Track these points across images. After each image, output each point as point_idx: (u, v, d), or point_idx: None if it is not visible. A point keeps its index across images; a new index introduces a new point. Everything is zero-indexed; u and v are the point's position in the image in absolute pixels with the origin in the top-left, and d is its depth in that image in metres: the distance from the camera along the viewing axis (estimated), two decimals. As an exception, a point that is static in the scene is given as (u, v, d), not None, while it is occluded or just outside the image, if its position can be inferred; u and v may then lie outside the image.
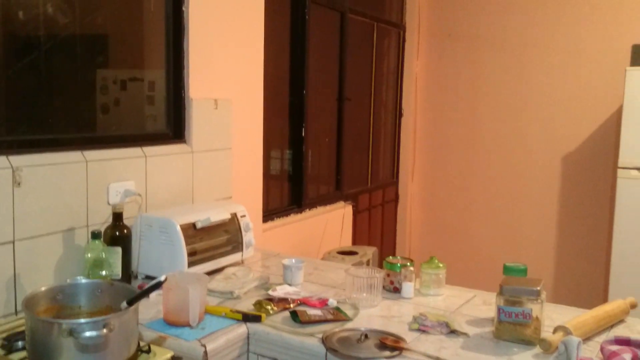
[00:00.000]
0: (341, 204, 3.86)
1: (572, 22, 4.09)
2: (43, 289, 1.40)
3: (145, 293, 1.34)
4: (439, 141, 4.68)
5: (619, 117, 3.48)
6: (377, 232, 4.46)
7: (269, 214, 3.13)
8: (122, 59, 2.37)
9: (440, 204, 4.72)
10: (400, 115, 4.68)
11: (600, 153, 4.04)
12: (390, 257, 2.13)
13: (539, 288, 1.60)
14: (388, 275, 2.06)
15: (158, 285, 1.36)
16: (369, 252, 3.41)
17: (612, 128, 3.92)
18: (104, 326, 1.23)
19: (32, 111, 1.95)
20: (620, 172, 3.37)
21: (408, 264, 2.05)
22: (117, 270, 1.91)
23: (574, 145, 4.15)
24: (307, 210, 3.49)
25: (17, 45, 1.92)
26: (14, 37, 1.92)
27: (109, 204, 2.04)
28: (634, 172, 3.32)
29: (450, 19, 4.54)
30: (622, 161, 3.36)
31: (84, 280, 1.50)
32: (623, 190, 3.36)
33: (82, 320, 1.26)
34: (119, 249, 1.92)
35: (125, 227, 1.98)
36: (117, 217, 1.97)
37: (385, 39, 4.45)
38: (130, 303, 1.31)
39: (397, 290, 2.04)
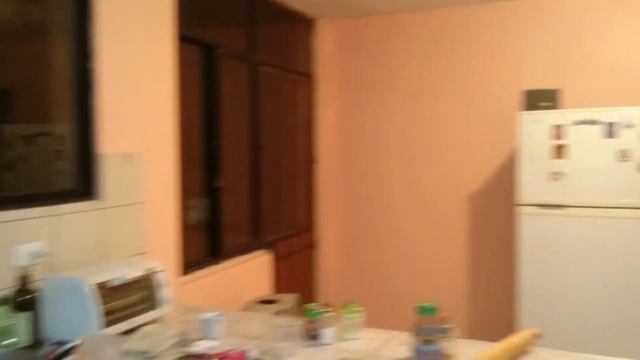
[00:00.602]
0: (260, 252, 3.86)
1: (470, 70, 4.38)
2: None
3: (60, 357, 1.29)
4: (352, 185, 4.81)
5: (516, 157, 3.73)
6: (297, 278, 4.48)
7: (187, 267, 3.09)
8: (30, 114, 2.32)
9: (357, 248, 4.82)
10: (314, 162, 4.78)
11: (501, 191, 4.29)
12: (310, 304, 2.16)
13: (448, 326, 1.68)
14: (308, 322, 2.09)
15: (69, 351, 1.32)
16: (290, 299, 3.42)
17: (510, 167, 4.19)
18: (12, 399, 1.18)
19: None
20: (520, 209, 3.60)
21: (327, 310, 2.09)
22: (25, 338, 1.82)
23: (477, 185, 4.40)
24: (226, 260, 3.47)
25: None
26: None
27: (15, 267, 1.96)
28: (532, 209, 3.56)
29: (356, 68, 4.75)
30: (521, 198, 3.60)
31: (-12, 351, 1.43)
32: (523, 226, 3.59)
33: (-12, 395, 1.20)
34: (26, 315, 1.84)
35: (34, 290, 1.90)
36: (24, 280, 1.89)
37: (297, 88, 4.58)
38: (41, 372, 1.26)
39: (317, 337, 2.07)
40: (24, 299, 1.86)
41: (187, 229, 3.17)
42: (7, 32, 2.19)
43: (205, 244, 3.42)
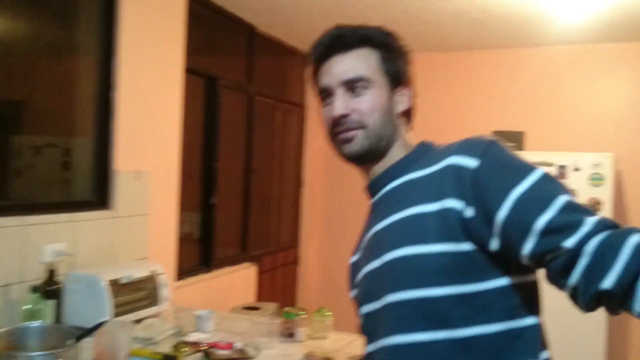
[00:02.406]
0: (247, 264, 4.25)
1: (447, 108, 4.84)
2: (2, 330, 1.70)
3: (91, 331, 1.68)
4: (335, 208, 5.22)
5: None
6: (279, 289, 4.86)
7: (182, 273, 3.47)
8: (51, 127, 2.72)
9: (336, 265, 5.20)
10: (301, 185, 5.20)
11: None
12: (288, 307, 2.56)
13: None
14: (285, 322, 2.48)
15: (100, 326, 1.71)
16: (271, 307, 3.80)
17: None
18: (57, 358, 1.56)
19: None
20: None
21: (301, 313, 2.48)
22: (50, 321, 2.20)
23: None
24: (216, 270, 3.85)
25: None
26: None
27: (42, 262, 2.34)
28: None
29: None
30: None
31: (34, 324, 1.81)
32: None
33: (38, 353, 1.58)
34: (52, 302, 2.22)
35: (58, 282, 2.28)
36: (51, 274, 2.27)
37: (288, 117, 5.01)
38: (78, 339, 1.64)
39: (292, 335, 2.46)
40: (51, 289, 2.24)
41: (184, 240, 3.56)
42: (37, 49, 2.59)
43: (198, 254, 3.81)
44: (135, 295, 2.52)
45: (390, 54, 1.15)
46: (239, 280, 4.09)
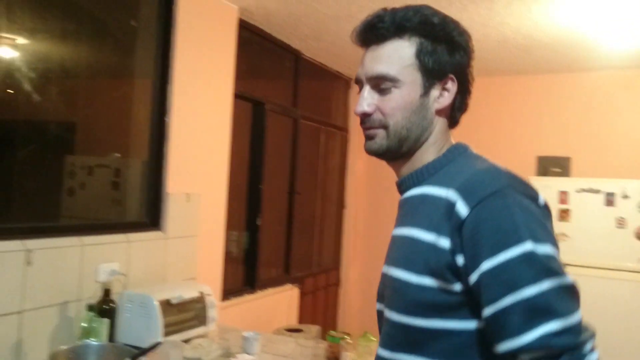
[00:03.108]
0: (289, 286, 4.29)
1: (492, 133, 4.82)
2: (63, 347, 1.78)
3: (146, 351, 1.74)
4: (377, 231, 5.23)
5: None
6: (320, 311, 4.88)
7: (225, 294, 3.53)
8: (113, 153, 2.83)
9: (377, 287, 5.19)
10: (343, 207, 5.23)
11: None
12: (332, 331, 2.58)
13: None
14: (330, 346, 2.50)
15: (155, 346, 1.77)
16: (313, 330, 3.82)
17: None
18: (115, 376, 1.63)
19: (42, 202, 2.37)
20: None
21: (346, 337, 2.51)
22: (104, 339, 2.28)
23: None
24: (259, 291, 3.90)
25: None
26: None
27: (97, 281, 2.43)
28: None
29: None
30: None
31: (94, 342, 1.88)
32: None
33: (98, 372, 1.65)
34: (107, 320, 2.30)
35: (113, 301, 2.37)
36: (107, 292, 2.36)
37: (331, 140, 5.07)
38: (133, 358, 1.71)
39: (337, 359, 2.48)
40: (106, 308, 2.32)
41: (228, 261, 3.63)
42: (95, 74, 2.71)
43: (243, 275, 3.87)
44: (184, 315, 2.58)
45: (432, 44, 1.04)
46: (282, 301, 4.13)
